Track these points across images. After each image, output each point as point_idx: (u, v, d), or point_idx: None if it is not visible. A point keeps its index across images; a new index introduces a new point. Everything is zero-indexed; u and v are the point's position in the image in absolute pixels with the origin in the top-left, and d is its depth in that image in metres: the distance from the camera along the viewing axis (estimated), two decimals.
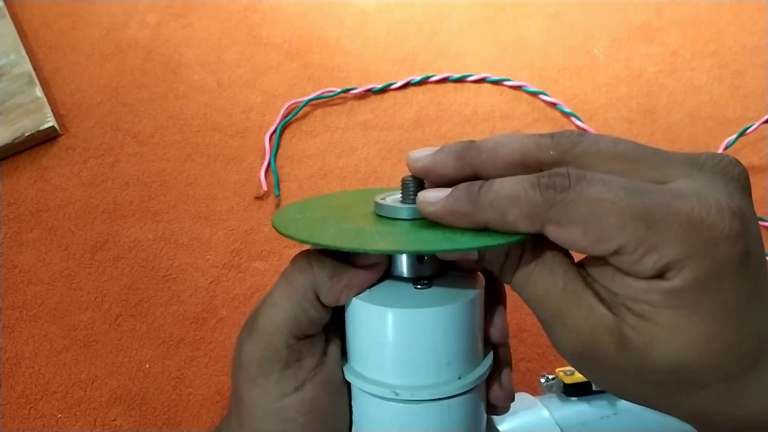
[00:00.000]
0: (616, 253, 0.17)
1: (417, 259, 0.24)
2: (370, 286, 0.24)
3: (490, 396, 0.25)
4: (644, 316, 0.18)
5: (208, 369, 0.42)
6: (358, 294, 0.23)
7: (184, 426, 0.40)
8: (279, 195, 0.48)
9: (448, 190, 0.20)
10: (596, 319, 0.19)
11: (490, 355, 0.25)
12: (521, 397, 0.34)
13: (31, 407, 0.41)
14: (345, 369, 0.24)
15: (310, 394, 0.23)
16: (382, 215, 0.23)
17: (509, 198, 0.19)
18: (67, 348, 0.42)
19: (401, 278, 0.24)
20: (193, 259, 0.45)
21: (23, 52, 0.52)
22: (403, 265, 0.24)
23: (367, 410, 0.24)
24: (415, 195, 0.23)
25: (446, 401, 0.23)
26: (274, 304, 0.23)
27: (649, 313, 0.17)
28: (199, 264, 0.45)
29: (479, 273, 0.25)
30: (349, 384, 0.25)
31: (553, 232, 0.18)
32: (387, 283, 0.24)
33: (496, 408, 0.26)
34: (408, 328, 0.23)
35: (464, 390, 0.23)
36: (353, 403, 0.25)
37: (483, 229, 0.20)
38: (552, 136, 0.20)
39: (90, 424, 0.40)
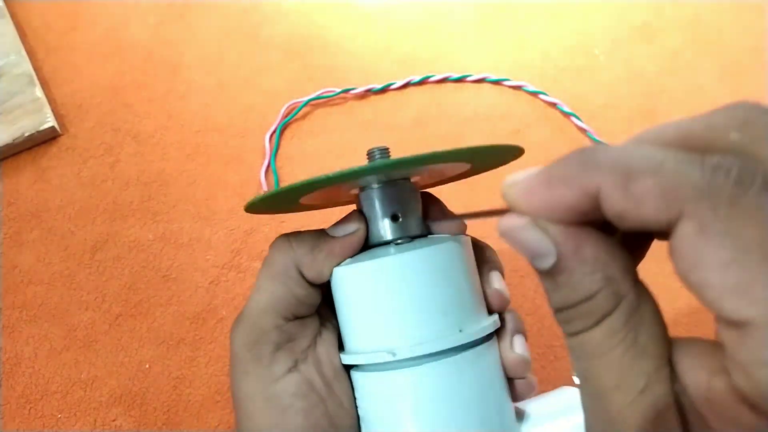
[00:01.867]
0: (745, 324, 0.11)
1: (392, 218, 0.23)
2: (351, 256, 0.23)
3: (504, 364, 0.23)
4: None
5: (208, 369, 0.42)
6: (339, 264, 0.23)
7: (185, 426, 0.40)
8: None
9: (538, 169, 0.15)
10: None
11: (496, 315, 0.23)
12: (565, 392, 0.33)
13: (31, 407, 0.41)
14: (341, 355, 0.24)
15: (304, 375, 0.23)
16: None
17: (646, 160, 0.12)
18: (67, 348, 0.42)
19: (381, 244, 0.23)
20: (194, 259, 0.45)
21: (23, 52, 0.52)
22: (381, 227, 0.23)
23: (370, 394, 0.22)
24: (381, 158, 0.23)
25: (452, 359, 0.21)
26: (259, 288, 0.23)
27: None
28: (199, 264, 0.45)
29: (465, 235, 0.24)
30: (351, 377, 0.24)
31: (686, 236, 0.12)
32: (368, 251, 0.24)
33: (516, 385, 0.23)
34: (391, 277, 0.21)
35: (468, 341, 0.21)
36: (357, 396, 0.24)
37: (584, 211, 0.13)
38: (733, 109, 0.13)
39: (90, 424, 0.40)
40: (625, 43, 0.57)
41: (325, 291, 0.24)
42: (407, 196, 0.24)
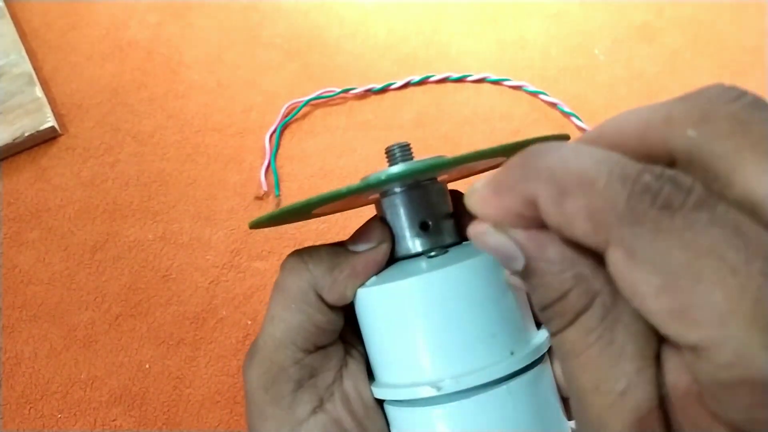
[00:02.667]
0: (699, 348, 0.11)
1: (421, 227, 0.20)
2: (376, 273, 0.20)
3: (559, 382, 0.20)
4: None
5: (208, 369, 0.42)
6: (363, 284, 0.20)
7: (184, 426, 0.40)
8: (279, 195, 0.48)
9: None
10: None
11: (544, 330, 0.20)
12: None
13: (31, 407, 0.41)
14: (372, 388, 0.20)
15: (332, 416, 0.20)
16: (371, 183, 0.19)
17: (578, 175, 0.12)
18: (67, 348, 0.42)
19: (410, 256, 0.20)
20: (193, 259, 0.45)
21: (23, 52, 0.52)
22: (409, 238, 0.20)
23: (410, 430, 0.19)
24: (403, 159, 0.20)
25: (504, 387, 0.18)
26: (272, 318, 0.20)
27: None
28: (199, 264, 0.45)
29: None
30: (383, 409, 0.20)
31: (616, 263, 0.12)
32: (395, 266, 0.20)
33: (569, 403, 0.20)
34: (431, 298, 0.18)
35: (521, 367, 0.18)
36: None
37: (530, 216, 0.13)
38: (696, 98, 0.13)
39: (90, 424, 0.40)
40: (626, 43, 0.57)
41: (347, 313, 0.21)
42: (437, 199, 0.20)
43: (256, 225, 0.19)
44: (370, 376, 0.21)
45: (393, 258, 0.20)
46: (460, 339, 0.18)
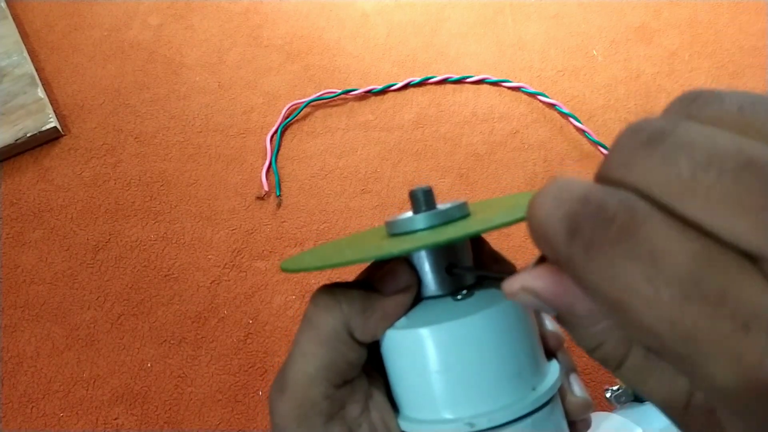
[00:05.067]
0: (618, 366, 0.13)
1: (447, 271, 0.21)
2: (404, 314, 0.21)
3: (567, 409, 0.22)
4: None
5: (209, 368, 0.42)
6: (392, 324, 0.21)
7: (186, 424, 0.40)
8: (280, 195, 0.48)
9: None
10: None
11: (555, 361, 0.22)
12: (602, 417, 0.31)
13: (33, 406, 0.41)
14: (400, 421, 0.21)
15: None
16: (398, 232, 0.20)
17: (540, 231, 0.13)
18: (69, 347, 0.43)
19: (436, 297, 0.21)
20: (195, 259, 0.45)
21: (25, 53, 0.52)
22: (435, 281, 0.21)
23: None
24: (427, 205, 0.21)
25: (529, 420, 0.19)
26: (304, 354, 0.20)
27: None
28: (200, 264, 0.45)
29: None
30: None
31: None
32: (422, 305, 0.21)
33: (576, 426, 0.22)
34: (461, 343, 0.19)
35: (543, 402, 0.20)
36: None
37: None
38: (616, 143, 0.13)
39: (92, 423, 0.40)
40: (624, 44, 0.57)
41: (369, 346, 0.22)
42: (462, 245, 0.21)
43: (287, 269, 0.20)
44: (393, 407, 0.22)
45: (418, 297, 0.21)
46: (489, 379, 0.19)
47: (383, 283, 0.21)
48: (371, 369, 0.22)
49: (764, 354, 0.10)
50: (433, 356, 0.19)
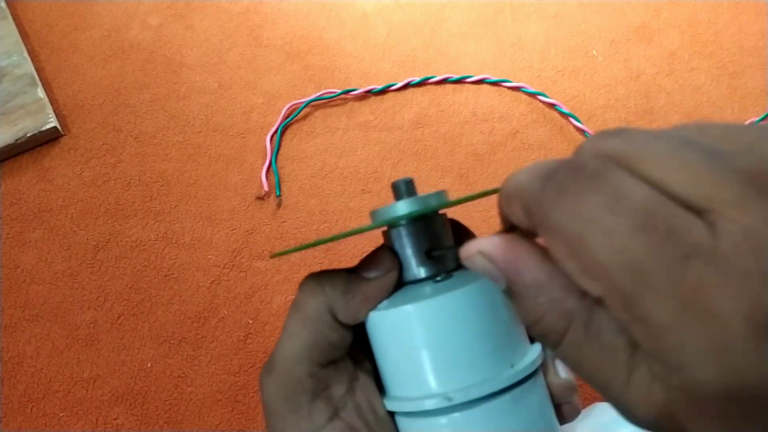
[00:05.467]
0: (604, 302, 0.13)
1: (427, 255, 0.22)
2: (386, 297, 0.22)
3: (551, 391, 0.22)
4: (678, 413, 0.13)
5: (209, 368, 0.42)
6: (375, 307, 0.22)
7: (186, 424, 0.40)
8: (280, 195, 0.48)
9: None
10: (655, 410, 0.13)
11: (538, 344, 0.22)
12: (605, 410, 0.31)
13: (33, 406, 0.41)
14: (385, 401, 0.22)
15: (347, 422, 0.21)
16: (379, 218, 0.22)
17: (515, 186, 0.15)
18: (69, 347, 0.43)
19: (417, 281, 0.22)
20: (195, 259, 0.45)
21: (25, 53, 0.52)
22: (416, 265, 0.22)
23: None
24: (408, 194, 0.22)
25: (508, 395, 0.20)
26: (290, 335, 0.22)
27: (680, 411, 0.13)
28: (200, 264, 0.45)
29: None
30: (395, 421, 0.22)
31: (545, 242, 0.14)
32: (404, 289, 0.22)
33: (562, 409, 0.23)
34: (439, 319, 0.20)
35: (522, 378, 0.20)
36: None
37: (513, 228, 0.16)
38: (577, 147, 0.15)
39: (92, 423, 0.40)
40: (624, 44, 0.57)
41: (356, 330, 0.23)
42: (440, 229, 0.22)
43: (276, 256, 0.21)
44: (380, 389, 0.23)
45: (401, 282, 0.23)
46: (466, 355, 0.20)
47: (365, 268, 0.22)
48: (359, 354, 0.24)
49: (701, 282, 0.11)
50: (410, 334, 0.20)
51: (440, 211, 0.23)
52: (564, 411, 0.23)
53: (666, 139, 0.13)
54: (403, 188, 0.22)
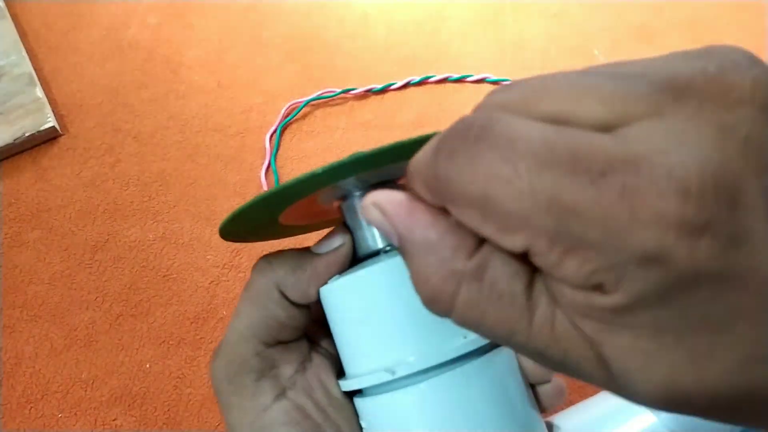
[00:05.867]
0: (528, 252, 0.12)
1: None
2: (340, 273, 0.21)
3: (524, 372, 0.21)
4: (599, 339, 0.12)
5: (208, 368, 0.42)
6: (326, 284, 0.21)
7: (185, 425, 0.40)
8: None
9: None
10: (565, 339, 0.13)
11: None
12: (600, 402, 0.29)
13: (31, 407, 0.41)
14: (340, 382, 0.21)
15: (294, 402, 0.21)
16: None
17: (412, 164, 0.14)
18: (68, 348, 0.42)
19: (371, 255, 0.21)
20: (194, 259, 0.45)
21: (24, 53, 0.52)
22: (368, 237, 0.21)
23: (376, 421, 0.20)
24: None
25: (459, 369, 0.18)
26: (237, 314, 0.21)
27: (604, 335, 0.12)
28: (199, 264, 0.45)
29: None
30: (353, 405, 0.21)
31: (455, 215, 0.13)
32: (358, 265, 0.21)
33: (539, 391, 0.21)
34: (381, 286, 0.19)
35: (474, 348, 0.19)
36: (364, 426, 0.21)
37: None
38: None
39: (90, 424, 0.40)
40: (625, 43, 0.57)
41: (316, 315, 0.22)
42: None
43: (223, 231, 0.19)
44: (341, 376, 0.22)
45: (356, 259, 0.22)
46: (413, 324, 0.18)
47: (317, 244, 0.21)
48: (318, 337, 0.23)
49: (622, 193, 0.10)
50: (353, 306, 0.19)
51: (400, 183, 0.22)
52: (543, 394, 0.21)
53: (564, 74, 0.12)
54: None
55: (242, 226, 0.20)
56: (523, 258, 0.13)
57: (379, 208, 0.15)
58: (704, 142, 0.11)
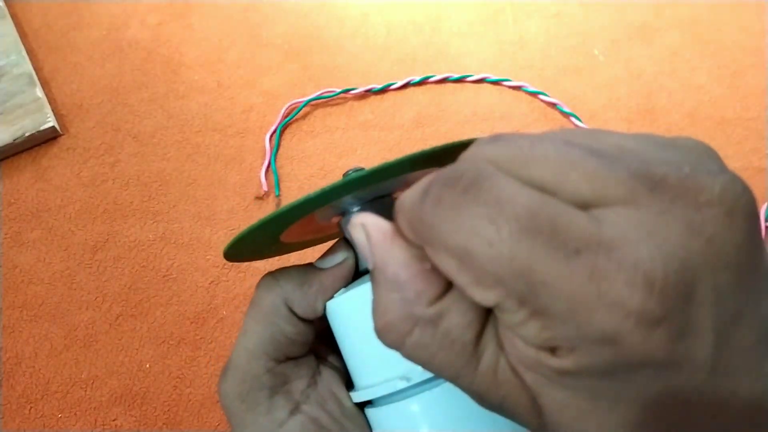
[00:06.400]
0: (497, 308, 0.13)
1: None
2: (344, 287, 0.22)
3: None
4: (538, 390, 0.13)
5: (208, 369, 0.42)
6: (332, 298, 0.22)
7: (185, 425, 0.40)
8: (279, 195, 0.48)
9: None
10: (506, 390, 0.14)
11: None
12: None
13: (31, 407, 0.41)
14: (351, 394, 0.22)
15: (309, 415, 0.21)
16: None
17: (400, 203, 0.15)
18: (68, 348, 0.42)
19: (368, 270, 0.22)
20: (194, 259, 0.45)
21: (24, 53, 0.52)
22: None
23: (391, 427, 0.20)
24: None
25: None
26: (245, 332, 0.21)
27: (544, 388, 0.13)
28: (199, 264, 0.45)
29: None
30: (365, 416, 0.22)
31: (431, 257, 0.14)
32: (361, 278, 0.22)
33: None
34: None
35: None
36: None
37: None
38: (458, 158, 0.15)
39: (90, 424, 0.40)
40: (625, 43, 0.57)
41: (319, 329, 0.23)
42: (391, 213, 0.22)
43: (227, 254, 0.20)
44: (350, 388, 0.23)
45: (359, 272, 0.22)
46: None
47: (321, 259, 0.22)
48: (324, 352, 0.23)
49: (593, 272, 0.11)
50: (361, 318, 0.20)
51: (395, 196, 0.23)
52: None
53: (551, 141, 0.13)
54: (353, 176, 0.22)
55: (245, 249, 0.21)
56: (482, 308, 0.14)
57: (365, 231, 0.16)
58: (672, 238, 0.11)
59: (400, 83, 0.53)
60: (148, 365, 0.42)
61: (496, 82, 0.54)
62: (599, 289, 0.11)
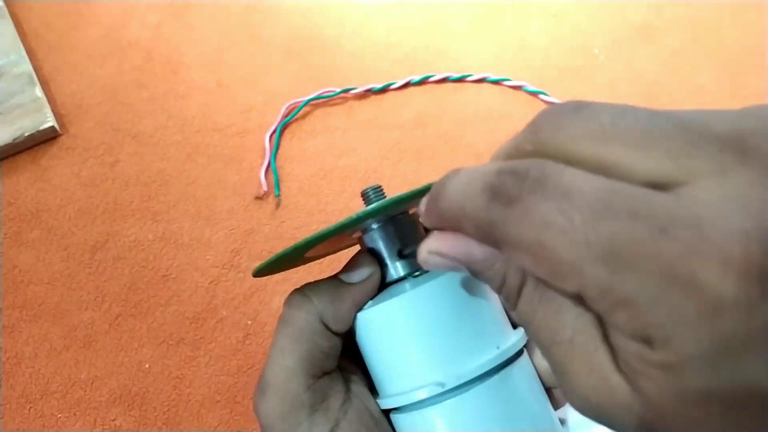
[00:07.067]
0: (579, 296, 0.13)
1: (399, 255, 0.23)
2: (371, 299, 0.23)
3: (540, 373, 0.23)
4: (650, 396, 0.12)
5: (208, 369, 0.42)
6: (360, 310, 0.22)
7: (184, 425, 0.40)
8: (279, 195, 0.48)
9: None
10: (609, 393, 0.13)
11: (520, 328, 0.23)
12: None
13: (31, 407, 0.41)
14: (378, 401, 0.23)
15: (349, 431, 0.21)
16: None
17: (457, 208, 0.15)
18: (67, 348, 0.42)
19: (396, 281, 0.23)
20: (193, 259, 0.45)
21: (23, 52, 0.52)
22: (392, 266, 0.23)
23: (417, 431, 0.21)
24: (376, 197, 0.24)
25: (496, 378, 0.21)
26: (282, 350, 0.21)
27: (652, 393, 0.12)
28: (199, 264, 0.45)
29: None
30: (390, 421, 0.23)
31: (507, 256, 0.14)
32: (386, 290, 0.23)
33: (554, 393, 0.23)
34: (422, 309, 0.21)
35: (509, 357, 0.21)
36: None
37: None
38: (533, 121, 0.15)
39: (90, 424, 0.40)
40: (625, 43, 0.57)
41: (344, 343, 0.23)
42: (410, 229, 0.23)
43: (258, 273, 0.22)
44: (372, 392, 0.24)
45: (382, 284, 0.24)
46: (452, 340, 0.21)
47: (348, 274, 0.22)
48: (346, 362, 0.24)
49: (684, 252, 0.11)
50: (397, 327, 0.21)
51: (411, 212, 0.25)
52: (556, 394, 0.23)
53: (633, 116, 0.13)
54: (372, 196, 0.24)
55: (274, 268, 0.22)
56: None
57: (437, 254, 0.16)
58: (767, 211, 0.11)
59: (400, 83, 0.53)
60: (147, 365, 0.42)
61: (496, 82, 0.54)
62: (691, 268, 0.10)
